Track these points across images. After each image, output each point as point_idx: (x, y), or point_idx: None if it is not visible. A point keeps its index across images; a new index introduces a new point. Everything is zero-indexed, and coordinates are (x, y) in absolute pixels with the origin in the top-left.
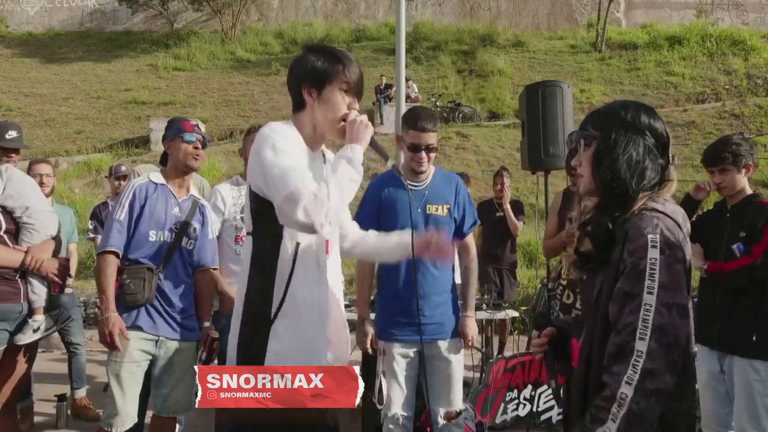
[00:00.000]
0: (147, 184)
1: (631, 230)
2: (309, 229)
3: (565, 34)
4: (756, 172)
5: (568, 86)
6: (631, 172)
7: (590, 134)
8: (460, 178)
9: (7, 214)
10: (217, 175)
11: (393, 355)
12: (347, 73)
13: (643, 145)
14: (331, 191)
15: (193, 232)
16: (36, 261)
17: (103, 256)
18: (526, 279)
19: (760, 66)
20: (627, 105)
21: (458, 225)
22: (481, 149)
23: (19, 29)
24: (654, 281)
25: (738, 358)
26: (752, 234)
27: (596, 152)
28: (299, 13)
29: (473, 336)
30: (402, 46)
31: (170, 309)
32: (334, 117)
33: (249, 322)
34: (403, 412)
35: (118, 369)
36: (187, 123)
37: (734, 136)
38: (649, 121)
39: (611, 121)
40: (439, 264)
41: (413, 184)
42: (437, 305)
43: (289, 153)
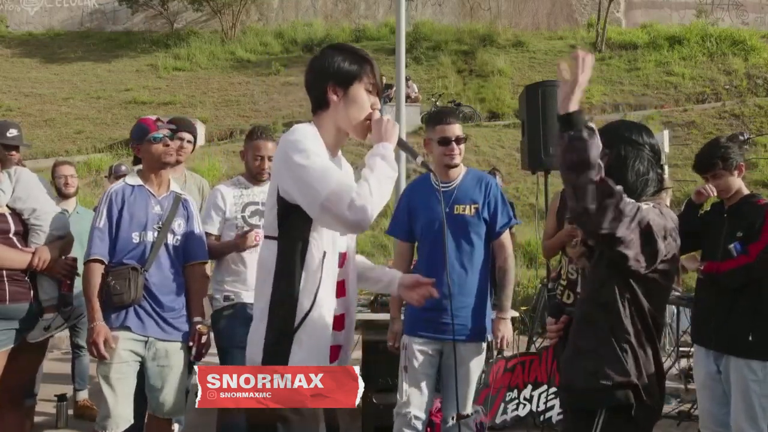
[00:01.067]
0: (123, 188)
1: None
2: (356, 226)
3: (565, 34)
4: (756, 172)
5: None
6: (639, 182)
7: (603, 151)
8: (492, 178)
9: (16, 216)
10: (217, 175)
11: (413, 351)
12: (374, 72)
13: (647, 158)
14: (373, 188)
15: (177, 227)
16: (43, 261)
17: (88, 265)
18: (526, 279)
19: (760, 66)
20: (628, 125)
21: (490, 224)
22: (481, 149)
23: (19, 29)
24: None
25: (735, 358)
26: (750, 234)
27: (608, 166)
28: (299, 13)
29: (505, 337)
30: (402, 46)
31: (159, 309)
32: (359, 117)
33: (275, 329)
34: (417, 412)
35: (107, 371)
36: (149, 121)
37: (722, 138)
38: (647, 139)
39: (619, 139)
40: (467, 263)
41: (443, 185)
42: (462, 306)
43: (319, 153)
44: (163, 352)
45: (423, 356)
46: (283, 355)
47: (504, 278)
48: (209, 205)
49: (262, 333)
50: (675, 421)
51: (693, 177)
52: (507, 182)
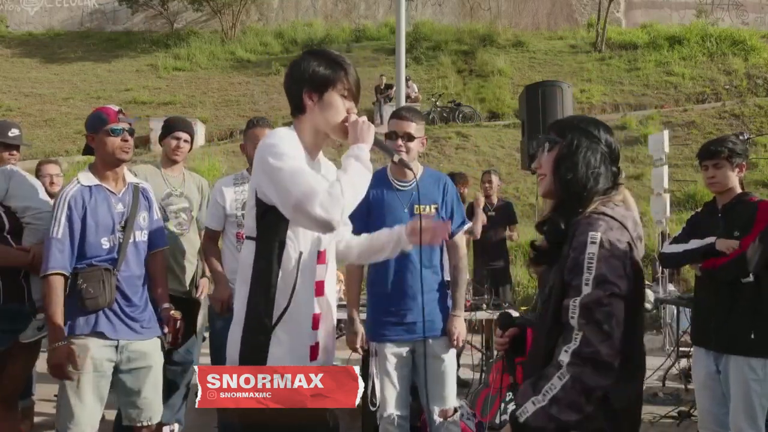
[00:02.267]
0: (80, 191)
1: (577, 229)
2: (326, 226)
3: (565, 34)
4: (756, 172)
5: (568, 86)
6: (588, 174)
7: (554, 138)
8: (448, 178)
9: (11, 214)
10: (217, 174)
11: (385, 355)
12: (349, 79)
13: (600, 153)
14: (345, 188)
15: (143, 221)
16: (39, 260)
17: (48, 279)
18: (526, 279)
19: (760, 66)
20: (586, 119)
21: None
22: (481, 149)
23: (19, 29)
24: (591, 273)
25: (735, 357)
26: (746, 231)
27: (559, 155)
28: (299, 13)
29: (459, 335)
30: (402, 46)
31: (129, 309)
32: (335, 120)
33: (252, 328)
34: (398, 411)
35: (78, 379)
36: (109, 110)
37: (732, 135)
38: (605, 135)
39: (573, 129)
40: (426, 262)
41: (401, 184)
42: (426, 304)
43: (294, 156)
44: (138, 353)
45: (396, 358)
46: (260, 353)
47: (459, 276)
48: (212, 202)
49: (239, 332)
50: (675, 421)
51: (693, 177)
52: (507, 182)
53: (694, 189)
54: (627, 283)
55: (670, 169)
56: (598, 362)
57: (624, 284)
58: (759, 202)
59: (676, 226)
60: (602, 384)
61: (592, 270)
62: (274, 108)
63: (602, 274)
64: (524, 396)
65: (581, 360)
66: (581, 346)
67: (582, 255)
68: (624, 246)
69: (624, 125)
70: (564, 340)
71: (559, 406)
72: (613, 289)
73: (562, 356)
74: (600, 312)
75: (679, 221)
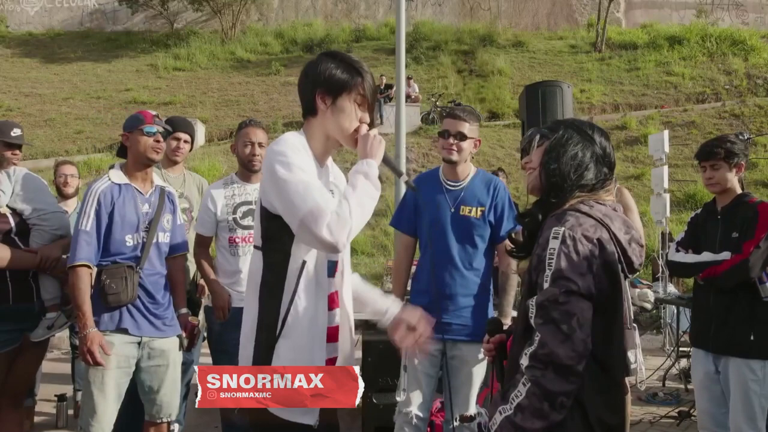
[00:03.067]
0: (110, 188)
1: (545, 224)
2: (332, 248)
3: (565, 34)
4: (756, 172)
5: (568, 86)
6: (573, 166)
7: (546, 133)
8: (500, 181)
9: (17, 215)
10: (217, 174)
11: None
12: (364, 85)
13: (592, 151)
14: (353, 209)
15: (166, 223)
16: (47, 261)
17: (74, 270)
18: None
19: (760, 66)
20: (583, 121)
21: (495, 228)
22: (481, 149)
23: (19, 29)
24: (550, 269)
25: (734, 359)
26: (745, 233)
27: (548, 147)
28: (299, 13)
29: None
30: (402, 46)
31: (152, 306)
32: (346, 128)
33: (260, 343)
34: (419, 412)
35: (102, 376)
36: (147, 113)
37: (731, 135)
38: (599, 137)
39: (567, 126)
40: (467, 264)
41: (451, 184)
42: (464, 307)
43: (302, 167)
44: (158, 350)
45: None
46: (266, 364)
47: (506, 283)
48: (202, 208)
49: (251, 348)
50: (675, 421)
51: (693, 177)
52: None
53: (694, 189)
54: (592, 281)
55: (670, 169)
56: (558, 365)
57: (585, 282)
58: (759, 204)
59: (676, 226)
60: (564, 389)
61: (552, 266)
62: (274, 108)
63: (559, 269)
64: (494, 406)
65: (540, 363)
66: (538, 347)
67: (544, 251)
68: (592, 243)
69: (624, 125)
70: (528, 342)
71: (524, 413)
72: (569, 285)
73: (523, 359)
74: (556, 311)
75: (679, 221)
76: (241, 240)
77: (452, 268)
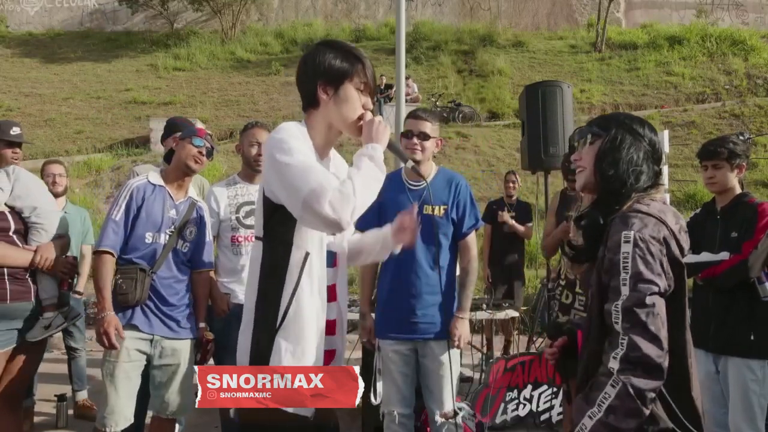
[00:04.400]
0: (145, 186)
1: (612, 228)
2: (335, 225)
3: (565, 34)
4: (756, 172)
5: (568, 86)
6: (630, 171)
7: (598, 131)
8: (462, 178)
9: (16, 214)
10: (217, 174)
11: (387, 352)
12: (366, 71)
13: (644, 150)
14: (357, 187)
15: (189, 234)
16: (45, 260)
17: (99, 255)
18: (526, 279)
19: (760, 66)
20: (630, 116)
21: (457, 225)
22: (481, 149)
23: (19, 29)
24: (627, 273)
25: (734, 359)
26: (744, 233)
27: (601, 149)
28: (299, 13)
29: (461, 337)
30: (402, 46)
31: (165, 308)
32: (351, 116)
33: (259, 333)
34: (401, 409)
35: (113, 368)
36: (201, 130)
37: (733, 135)
38: (649, 133)
39: (617, 124)
40: (432, 262)
41: (413, 184)
42: (430, 305)
43: (303, 151)
44: (170, 350)
45: (397, 356)
46: (265, 359)
47: (466, 279)
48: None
49: (248, 339)
50: None
51: (693, 177)
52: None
53: (694, 189)
54: (665, 279)
55: (670, 169)
56: (649, 365)
57: (662, 281)
58: (758, 205)
59: None
60: (655, 386)
61: (628, 269)
62: (274, 108)
63: (639, 272)
64: (580, 411)
65: (631, 365)
66: (629, 350)
67: (617, 255)
68: (659, 242)
69: None
70: (610, 345)
71: (617, 414)
72: (652, 288)
73: (611, 363)
74: (643, 313)
75: None
76: (244, 239)
77: (417, 267)
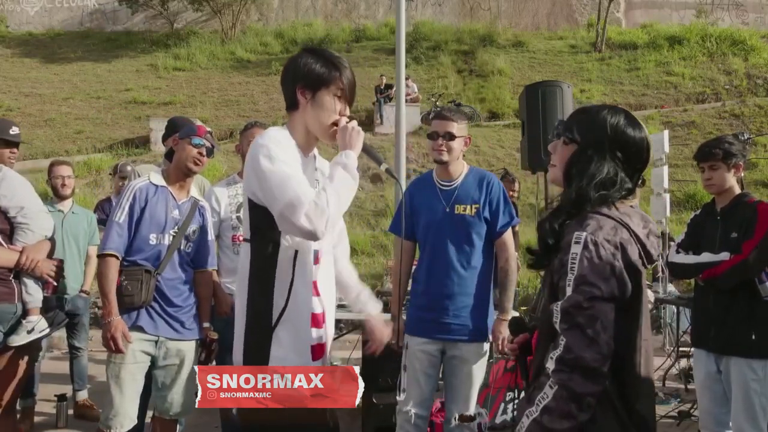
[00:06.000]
0: (147, 186)
1: (567, 230)
2: (311, 236)
3: (565, 34)
4: (756, 172)
5: (568, 86)
6: (594, 184)
7: (573, 137)
8: (494, 177)
9: (1, 214)
10: (217, 174)
11: (415, 351)
12: (343, 80)
13: (615, 164)
14: (330, 198)
15: (192, 234)
16: (31, 261)
17: (104, 259)
18: (526, 279)
19: (760, 66)
20: (615, 114)
21: (491, 224)
22: (481, 149)
23: (19, 29)
24: (573, 274)
25: (736, 358)
26: (744, 233)
27: (570, 160)
28: (299, 13)
29: (504, 339)
30: (402, 46)
31: (170, 309)
32: (325, 121)
33: (252, 329)
34: (418, 410)
35: (118, 370)
36: (201, 128)
37: (729, 136)
38: (634, 135)
39: (594, 132)
40: (465, 263)
41: (444, 184)
42: (463, 306)
43: (285, 160)
44: (174, 351)
45: (424, 355)
46: (262, 354)
47: (505, 279)
48: None
49: (241, 335)
50: (675, 421)
51: (693, 177)
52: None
53: (694, 189)
54: (615, 284)
55: (670, 169)
56: (584, 368)
57: (608, 286)
58: (758, 204)
59: (676, 227)
60: (591, 390)
61: (574, 270)
62: (274, 108)
63: (582, 275)
64: (521, 410)
65: (567, 366)
66: (564, 352)
67: (566, 255)
68: (614, 247)
69: None
70: (552, 346)
71: (551, 415)
72: (593, 291)
73: (549, 363)
74: (581, 316)
75: (678, 221)
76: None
77: (449, 268)
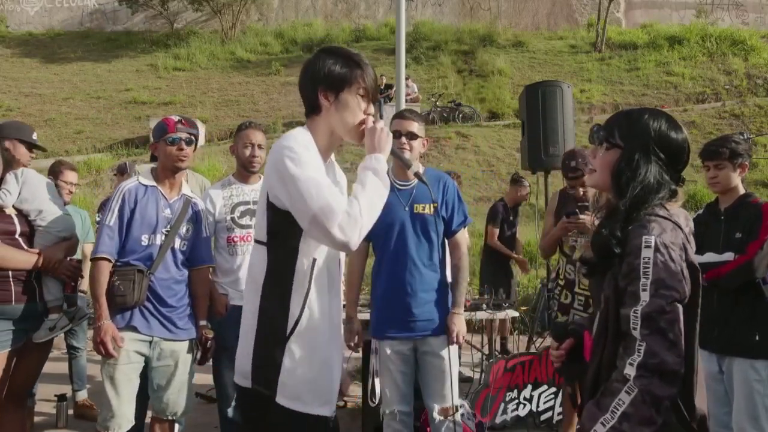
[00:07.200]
0: (136, 187)
1: (631, 233)
2: (344, 247)
3: (565, 34)
4: (756, 172)
5: (568, 86)
6: (646, 193)
7: (615, 142)
8: (449, 177)
9: (23, 217)
10: (217, 174)
11: (386, 352)
12: (365, 77)
13: (659, 167)
14: (363, 208)
15: (185, 232)
16: (49, 262)
17: (95, 263)
18: (526, 279)
19: (760, 66)
20: (657, 117)
21: (447, 223)
22: (481, 149)
23: (19, 29)
24: (648, 278)
25: (738, 359)
26: (748, 234)
27: (618, 166)
28: (299, 13)
29: (459, 332)
30: (402, 46)
31: (164, 309)
32: (351, 122)
33: (264, 338)
34: (401, 407)
35: (113, 371)
36: (169, 121)
37: (735, 135)
38: (675, 136)
39: (638, 137)
40: (426, 260)
41: (401, 184)
42: (425, 302)
43: (314, 166)
44: (169, 351)
45: (397, 356)
46: (273, 366)
47: (458, 275)
48: None
49: (250, 344)
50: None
51: (693, 177)
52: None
53: (694, 189)
54: (687, 286)
55: None
56: (666, 372)
57: (684, 288)
58: (762, 205)
59: None
60: (670, 393)
61: (648, 275)
62: (274, 108)
63: (661, 279)
64: (592, 418)
65: (649, 372)
66: (646, 357)
67: (637, 260)
68: (679, 248)
69: None
70: (626, 351)
71: (630, 422)
72: (673, 295)
73: (627, 369)
74: (663, 320)
75: None
76: (239, 239)
77: (412, 265)
